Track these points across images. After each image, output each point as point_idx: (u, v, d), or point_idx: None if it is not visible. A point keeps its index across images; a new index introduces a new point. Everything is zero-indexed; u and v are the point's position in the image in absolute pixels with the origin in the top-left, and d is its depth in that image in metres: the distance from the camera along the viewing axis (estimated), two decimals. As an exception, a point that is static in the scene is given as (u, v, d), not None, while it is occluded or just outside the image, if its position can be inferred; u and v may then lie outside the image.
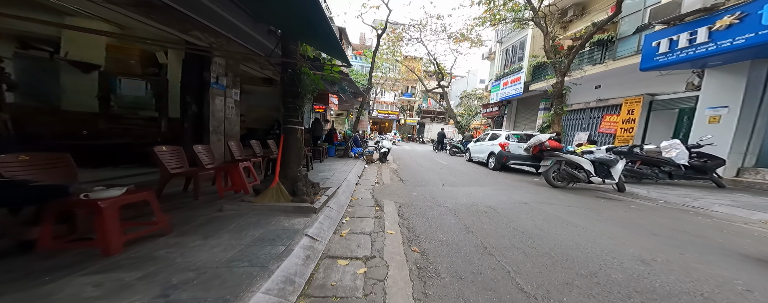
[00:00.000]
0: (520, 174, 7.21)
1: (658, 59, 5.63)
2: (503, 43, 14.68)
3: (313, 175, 5.26)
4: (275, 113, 7.95)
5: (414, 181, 5.73)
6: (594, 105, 8.93)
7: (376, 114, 27.70)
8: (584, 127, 9.36)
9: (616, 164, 4.38)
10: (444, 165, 8.80)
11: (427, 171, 7.15)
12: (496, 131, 8.39)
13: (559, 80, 7.44)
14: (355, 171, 6.31)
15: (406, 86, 28.96)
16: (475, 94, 27.63)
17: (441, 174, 6.71)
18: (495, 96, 14.83)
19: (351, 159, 8.36)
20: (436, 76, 17.75)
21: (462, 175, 6.70)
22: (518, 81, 12.16)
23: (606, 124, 8.13)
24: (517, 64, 12.71)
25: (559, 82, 7.44)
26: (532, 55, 11.54)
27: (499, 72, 14.86)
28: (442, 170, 7.36)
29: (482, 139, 9.21)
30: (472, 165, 8.99)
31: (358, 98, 10.23)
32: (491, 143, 8.02)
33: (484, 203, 3.80)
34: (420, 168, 7.70)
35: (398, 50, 18.06)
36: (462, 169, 7.68)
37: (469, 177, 6.40)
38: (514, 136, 7.34)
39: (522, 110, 14.10)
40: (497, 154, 7.36)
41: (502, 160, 7.16)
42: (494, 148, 7.63)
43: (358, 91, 8.87)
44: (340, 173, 5.69)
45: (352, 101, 10.35)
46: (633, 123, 7.16)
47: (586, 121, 9.41)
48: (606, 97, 8.44)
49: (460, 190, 4.70)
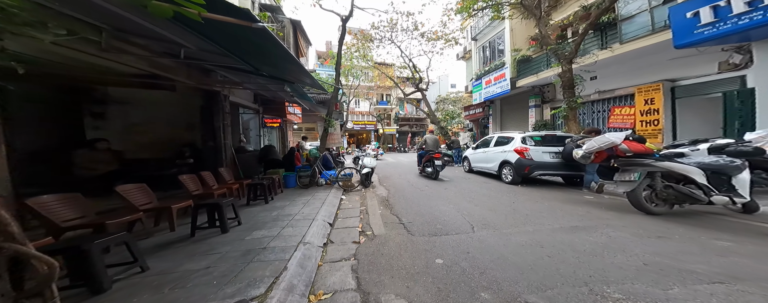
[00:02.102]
0: (552, 188, 5.54)
1: (702, 32, 4.48)
2: (478, 40, 13.87)
3: (242, 232, 2.85)
4: (185, 134, 5.19)
5: (421, 221, 3.63)
6: (596, 98, 7.93)
7: (351, 125, 25.52)
8: (588, 122, 8.28)
9: (739, 172, 2.79)
10: (445, 181, 6.88)
11: (432, 197, 5.11)
12: (505, 134, 6.77)
13: (566, 69, 6.13)
14: (324, 212, 4.00)
15: (381, 94, 27.47)
16: (450, 98, 27.24)
17: (454, 200, 4.71)
18: (478, 96, 13.75)
19: (321, 189, 5.98)
20: (413, 80, 16.37)
21: (482, 199, 4.78)
22: (503, 78, 11.11)
23: (617, 117, 7.03)
24: (499, 60, 11.76)
25: (566, 70, 6.13)
26: (514, 48, 10.61)
27: (478, 71, 13.91)
28: (451, 193, 5.39)
29: (484, 146, 7.55)
30: (479, 179, 7.21)
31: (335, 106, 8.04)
32: (501, 150, 6.34)
33: (600, 278, 1.83)
34: (418, 192, 5.65)
35: (369, 54, 16.46)
36: (472, 188, 5.80)
37: (495, 203, 4.48)
38: (532, 138, 5.73)
39: (508, 110, 13.12)
40: (515, 163, 5.66)
41: (524, 171, 5.46)
42: (508, 155, 5.94)
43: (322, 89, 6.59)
44: (298, 223, 3.35)
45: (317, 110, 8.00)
46: (657, 114, 6.06)
47: (589, 116, 8.39)
48: (610, 88, 7.45)
49: (512, 242, 2.70)
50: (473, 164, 8.16)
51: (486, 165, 7.11)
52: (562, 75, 6.16)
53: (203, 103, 4.94)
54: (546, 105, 9.97)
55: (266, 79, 4.71)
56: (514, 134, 6.22)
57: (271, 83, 4.89)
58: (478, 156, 7.71)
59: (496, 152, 6.55)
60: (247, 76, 4.70)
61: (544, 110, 10.08)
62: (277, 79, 4.57)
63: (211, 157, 4.93)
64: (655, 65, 6.27)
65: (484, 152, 7.28)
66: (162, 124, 4.82)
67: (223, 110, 5.01)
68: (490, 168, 6.85)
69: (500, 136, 6.87)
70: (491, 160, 6.80)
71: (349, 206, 4.81)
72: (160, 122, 4.82)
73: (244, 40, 2.71)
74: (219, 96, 4.97)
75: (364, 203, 5.02)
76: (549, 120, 9.71)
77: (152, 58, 3.29)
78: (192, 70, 4.18)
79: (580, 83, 6.04)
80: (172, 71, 3.62)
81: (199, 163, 4.60)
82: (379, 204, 4.88)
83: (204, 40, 2.76)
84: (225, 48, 2.92)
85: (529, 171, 5.42)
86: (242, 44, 2.84)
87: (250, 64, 3.43)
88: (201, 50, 3.15)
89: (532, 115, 10.38)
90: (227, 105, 5.24)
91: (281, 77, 4.34)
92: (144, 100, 4.51)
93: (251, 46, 2.87)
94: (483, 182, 6.47)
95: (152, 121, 4.74)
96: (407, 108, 28.67)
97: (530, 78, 9.44)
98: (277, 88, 5.17)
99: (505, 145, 6.26)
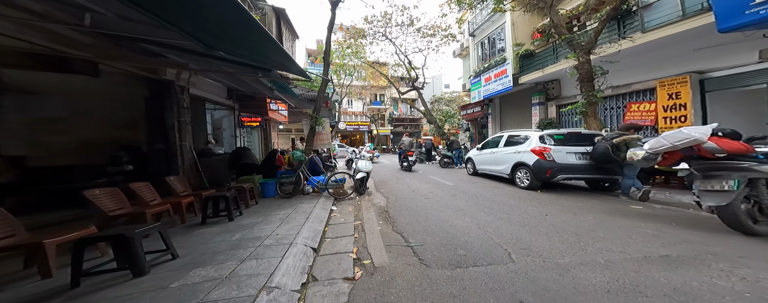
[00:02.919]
0: (580, 194, 4.79)
1: (758, 11, 3.84)
2: (476, 35, 13.30)
3: (170, 275, 1.77)
4: (123, 134, 4.06)
5: (435, 243, 2.78)
6: (609, 93, 7.33)
7: (344, 126, 24.50)
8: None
9: None
10: (450, 186, 6.08)
11: (443, 207, 4.26)
12: (518, 132, 6.02)
13: (583, 60, 5.46)
14: (307, 231, 3.07)
15: (375, 94, 26.65)
16: (445, 98, 26.73)
17: (468, 211, 3.88)
18: (476, 94, 13.13)
19: (307, 198, 5.03)
20: (408, 79, 15.63)
21: (503, 209, 3.96)
22: (504, 74, 10.50)
23: (635, 114, 6.42)
24: (499, 56, 11.17)
25: (584, 61, 5.46)
26: (516, 43, 10.03)
27: (476, 68, 13.32)
28: (462, 201, 4.56)
29: (492, 146, 6.80)
30: (487, 183, 6.44)
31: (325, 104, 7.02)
32: (514, 150, 5.58)
33: None
34: (425, 200, 4.80)
35: (362, 51, 15.60)
36: (485, 195, 4.99)
37: (523, 216, 3.67)
38: (553, 137, 4.99)
39: (508, 108, 12.55)
40: (533, 165, 4.90)
41: (545, 175, 4.71)
42: (524, 156, 5.18)
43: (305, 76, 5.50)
44: (266, 252, 2.39)
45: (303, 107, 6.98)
46: (684, 109, 5.47)
47: (600, 114, 7.80)
48: (625, 82, 6.86)
49: (583, 283, 1.85)
50: (479, 166, 7.40)
51: (495, 167, 6.35)
52: (579, 67, 5.49)
53: (149, 94, 3.91)
54: (551, 102, 9.41)
55: (235, 66, 3.76)
56: (529, 132, 5.47)
57: (242, 71, 3.93)
58: (485, 157, 6.95)
59: (508, 153, 5.80)
60: (209, 63, 3.72)
61: (549, 108, 9.51)
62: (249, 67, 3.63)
63: (160, 162, 3.90)
64: (679, 56, 5.69)
65: (493, 153, 6.52)
66: (88, 121, 3.63)
67: (178, 105, 4.01)
68: (501, 171, 6.09)
69: (512, 134, 6.13)
70: (501, 161, 6.04)
71: (340, 220, 3.89)
72: (84, 118, 3.63)
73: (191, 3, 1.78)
74: (172, 87, 3.96)
75: (359, 216, 4.12)
76: (555, 118, 9.14)
77: (49, 29, 2.27)
78: (126, 50, 3.18)
79: (600, 75, 5.38)
80: (90, 50, 2.61)
81: (143, 171, 3.57)
82: (378, 216, 3.99)
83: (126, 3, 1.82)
84: (159, 16, 1.96)
85: (551, 174, 4.67)
86: (188, 11, 1.92)
87: (203, 41, 2.47)
88: (122, 18, 2.19)
89: (536, 113, 9.79)
90: (185, 99, 4.24)
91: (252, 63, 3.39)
92: (57, 88, 3.31)
93: (203, 14, 1.95)
94: (494, 187, 5.69)
95: (72, 117, 3.54)
96: (401, 108, 27.99)
97: (535, 73, 8.84)
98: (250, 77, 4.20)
99: (519, 145, 5.51)
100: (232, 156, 4.94)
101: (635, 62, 6.47)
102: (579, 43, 5.51)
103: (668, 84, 5.70)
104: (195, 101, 5.01)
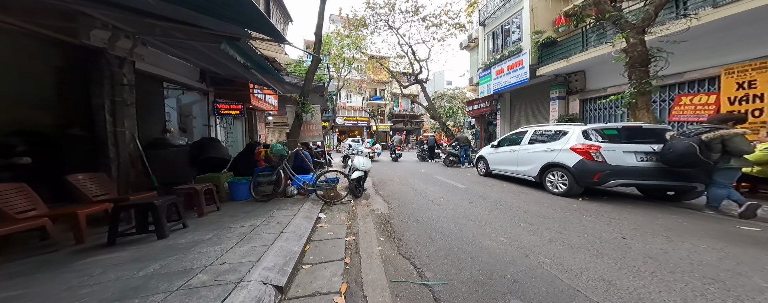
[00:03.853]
0: (638, 204, 3.77)
1: None
2: (487, 25, 12.27)
3: None
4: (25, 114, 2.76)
5: (468, 280, 1.81)
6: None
7: (342, 121, 23.46)
8: (616, 119, 6.62)
9: None
10: (462, 189, 5.10)
11: (463, 218, 3.25)
12: (550, 127, 4.99)
13: (635, 40, 4.40)
14: (275, 255, 2.04)
15: (375, 89, 25.59)
16: (447, 94, 25.73)
17: (498, 226, 2.87)
18: (485, 88, 12.13)
19: (289, 203, 4.04)
20: (410, 74, 14.62)
21: (547, 224, 2.94)
22: (520, 65, 9.50)
23: (686, 108, 5.35)
24: (514, 46, 10.16)
25: (636, 43, 4.40)
26: (535, 30, 9.02)
27: (486, 60, 12.31)
28: (484, 210, 3.55)
29: (511, 143, 5.81)
30: (507, 186, 5.45)
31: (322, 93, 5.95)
32: (545, 148, 4.58)
33: None
34: (436, 207, 3.80)
35: (362, 42, 14.50)
36: (511, 202, 3.99)
37: (588, 238, 2.68)
38: (601, 132, 3.93)
39: (520, 103, 11.56)
40: (575, 167, 3.88)
41: (591, 179, 3.70)
42: (560, 156, 4.18)
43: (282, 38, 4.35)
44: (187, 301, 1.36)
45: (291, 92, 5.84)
46: (760, 102, 4.40)
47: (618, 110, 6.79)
48: (676, 71, 5.67)
49: None
50: (493, 166, 6.42)
51: (516, 168, 5.36)
52: (629, 49, 4.45)
53: (64, 64, 2.86)
54: (573, 96, 8.42)
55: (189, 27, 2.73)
56: (566, 127, 4.44)
57: (197, 37, 2.89)
58: (502, 156, 5.96)
59: (535, 152, 4.80)
60: (151, 26, 2.68)
61: (571, 102, 8.54)
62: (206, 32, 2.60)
63: (80, 154, 2.87)
64: (758, 37, 4.61)
65: (513, 152, 5.53)
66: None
67: (113, 80, 2.99)
68: (524, 172, 5.10)
69: (540, 130, 5.11)
70: (525, 161, 5.04)
71: (327, 234, 2.91)
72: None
73: None
74: (103, 58, 2.93)
75: (353, 227, 3.13)
76: (577, 114, 8.17)
77: None
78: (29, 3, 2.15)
79: (661, 59, 4.33)
80: None
81: (52, 165, 2.54)
82: (378, 230, 3.01)
83: None
84: None
85: (601, 179, 3.63)
86: None
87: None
88: None
89: (555, 108, 8.82)
90: (127, 74, 3.21)
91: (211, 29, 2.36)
92: None
93: None
94: (518, 192, 4.69)
95: None
96: (402, 104, 26.99)
97: (557, 64, 7.83)
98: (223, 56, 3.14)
99: (552, 142, 4.50)
100: (193, 148, 3.89)
101: (691, 47, 5.32)
102: (628, 23, 4.46)
103: (738, 71, 4.67)
104: (148, 80, 3.96)
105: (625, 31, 4.36)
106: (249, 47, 3.70)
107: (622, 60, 4.60)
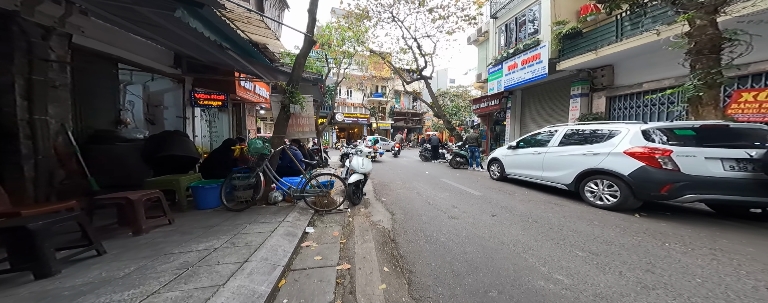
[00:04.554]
0: (714, 222, 2.98)
1: None
2: (499, 17, 11.42)
3: None
4: None
5: None
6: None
7: (342, 118, 22.67)
8: (677, 115, 5.68)
9: None
10: (477, 197, 4.31)
11: (491, 238, 2.44)
12: (589, 126, 4.16)
13: (704, 22, 3.51)
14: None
15: (376, 85, 24.78)
16: (450, 92, 24.89)
17: (553, 259, 2.03)
18: (495, 85, 11.31)
19: (267, 213, 3.28)
20: (413, 70, 13.81)
21: (623, 255, 2.11)
22: (537, 59, 8.68)
23: (746, 106, 4.31)
24: (530, 39, 9.34)
25: (704, 25, 3.51)
26: (556, 21, 8.18)
27: (497, 55, 11.48)
28: (515, 228, 2.73)
29: (535, 145, 5.03)
30: (529, 193, 4.65)
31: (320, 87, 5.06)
32: (583, 151, 3.77)
33: None
34: (451, 222, 3.01)
35: (364, 35, 13.67)
36: (546, 216, 3.18)
37: (697, 282, 1.86)
38: (671, 133, 3.09)
39: (532, 101, 10.75)
40: (633, 175, 3.06)
41: (657, 191, 2.88)
42: (607, 161, 3.37)
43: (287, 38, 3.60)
44: None
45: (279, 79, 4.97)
46: None
47: (664, 108, 5.98)
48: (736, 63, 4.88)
49: None
50: (510, 170, 5.64)
51: (541, 173, 4.56)
52: (694, 34, 3.58)
53: None
54: (598, 93, 7.61)
55: None
56: (616, 126, 3.60)
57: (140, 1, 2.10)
58: (523, 159, 5.17)
59: (571, 155, 3.99)
60: None
61: (595, 100, 7.72)
62: None
63: None
64: None
65: (537, 154, 4.73)
66: None
67: (32, 53, 2.23)
68: (553, 179, 4.30)
69: (574, 129, 4.29)
70: (556, 166, 4.24)
71: (314, 260, 2.15)
72: None
73: None
74: (15, 24, 2.18)
75: (348, 249, 2.37)
76: (603, 113, 7.36)
77: None
78: None
79: (738, 43, 3.44)
80: None
81: None
82: (381, 254, 2.27)
83: None
84: None
85: (673, 192, 2.80)
86: None
87: None
88: None
89: (576, 106, 8.00)
90: (57, 49, 2.45)
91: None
92: None
93: None
94: (548, 202, 3.89)
95: None
96: (403, 102, 26.20)
97: (583, 57, 7.01)
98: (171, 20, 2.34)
99: (595, 144, 3.69)
100: (149, 143, 3.08)
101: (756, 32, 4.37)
102: (696, 1, 3.56)
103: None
104: (95, 59, 3.18)
105: (689, 12, 3.51)
106: (222, 22, 2.92)
107: (683, 46, 3.76)
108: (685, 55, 3.76)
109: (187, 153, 3.30)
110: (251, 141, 3.16)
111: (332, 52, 13.18)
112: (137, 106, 4.27)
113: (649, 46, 5.47)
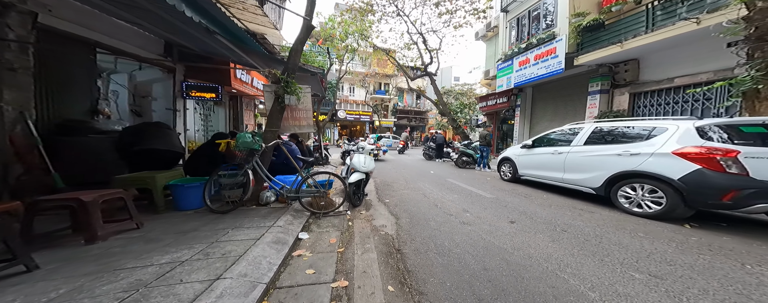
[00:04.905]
0: None
1: None
2: (511, 11, 10.87)
3: None
4: None
5: None
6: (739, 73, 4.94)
7: (344, 115, 22.35)
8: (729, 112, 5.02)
9: None
10: (489, 199, 3.88)
11: (514, 251, 2.00)
12: (624, 122, 3.69)
13: (765, 4, 2.97)
14: None
15: (379, 83, 24.39)
16: (454, 90, 24.31)
17: (602, 282, 1.57)
18: (504, 81, 10.79)
19: (256, 216, 2.92)
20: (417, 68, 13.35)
21: (677, 272, 1.67)
22: (553, 54, 8.14)
23: None
24: (545, 33, 8.81)
25: (766, 7, 2.98)
26: (575, 12, 7.64)
27: (507, 50, 10.96)
28: (541, 238, 2.30)
29: (552, 143, 4.58)
30: (548, 197, 4.20)
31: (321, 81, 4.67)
32: (617, 151, 3.30)
33: None
34: (463, 228, 2.60)
35: (368, 31, 13.25)
36: (575, 224, 2.74)
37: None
38: (735, 130, 2.60)
39: (544, 99, 10.22)
40: (685, 180, 2.59)
41: (718, 199, 2.41)
42: (649, 163, 2.91)
43: None
44: None
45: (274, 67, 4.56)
46: None
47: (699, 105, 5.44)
48: None
49: None
50: (524, 171, 5.19)
51: (563, 175, 4.11)
52: (756, 17, 3.03)
53: None
54: (620, 89, 7.07)
55: None
56: (661, 122, 3.12)
57: None
58: (540, 159, 4.71)
59: (601, 155, 3.53)
60: None
61: (616, 97, 7.18)
62: None
63: None
64: None
65: (557, 154, 4.28)
66: None
67: None
68: (577, 181, 3.84)
69: (603, 126, 3.82)
70: (581, 167, 3.78)
71: (305, 275, 1.78)
72: None
73: None
74: None
75: (346, 260, 2.00)
76: (625, 110, 6.82)
77: None
78: None
79: None
80: None
81: None
82: (384, 268, 1.91)
83: None
84: None
85: (739, 200, 2.35)
86: None
87: None
88: None
89: (594, 103, 7.47)
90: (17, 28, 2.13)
91: None
92: None
93: None
94: (573, 207, 3.44)
95: None
96: (406, 99, 25.74)
97: (605, 50, 6.47)
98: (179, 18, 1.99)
99: (632, 143, 3.22)
100: (124, 135, 2.73)
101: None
102: None
103: None
104: (67, 42, 2.84)
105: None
106: (211, 4, 2.56)
107: (737, 33, 3.25)
108: (740, 43, 3.25)
109: (170, 147, 2.95)
110: (240, 135, 2.80)
111: (335, 46, 12.82)
112: (122, 96, 3.96)
113: (685, 36, 4.94)
